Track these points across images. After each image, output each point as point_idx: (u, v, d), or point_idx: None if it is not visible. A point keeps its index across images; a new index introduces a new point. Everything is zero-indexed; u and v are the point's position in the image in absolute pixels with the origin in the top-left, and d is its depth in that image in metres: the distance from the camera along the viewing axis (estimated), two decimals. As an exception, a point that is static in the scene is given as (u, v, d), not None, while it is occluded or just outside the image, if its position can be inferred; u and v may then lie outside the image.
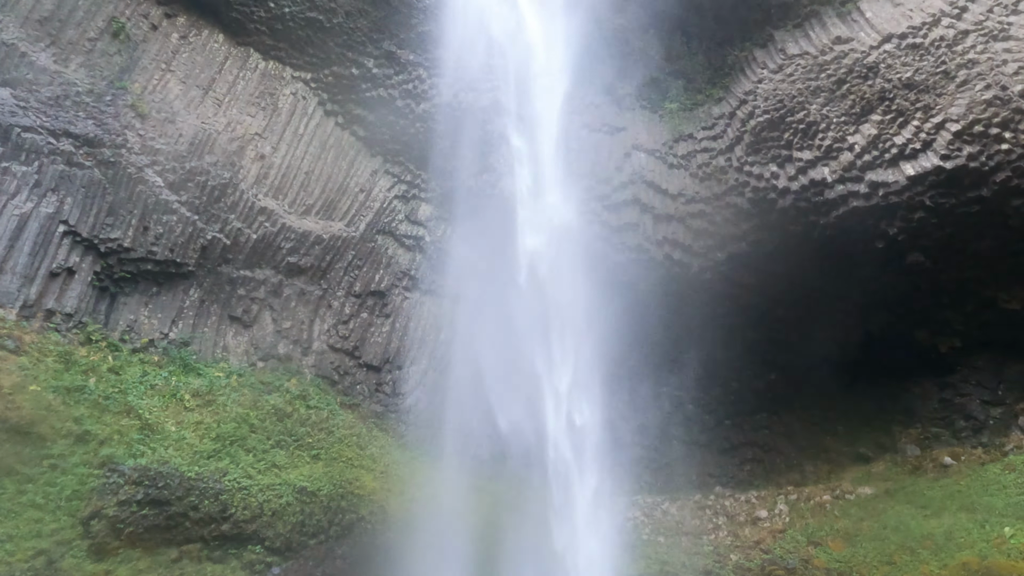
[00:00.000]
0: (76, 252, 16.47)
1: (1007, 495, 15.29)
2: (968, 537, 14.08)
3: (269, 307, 19.52)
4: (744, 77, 19.45)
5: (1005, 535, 13.63)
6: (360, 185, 20.74)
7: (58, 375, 14.38)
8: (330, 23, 18.93)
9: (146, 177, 17.26)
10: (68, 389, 14.10)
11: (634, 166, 20.67)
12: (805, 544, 16.16)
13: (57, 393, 13.84)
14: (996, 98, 15.43)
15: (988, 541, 13.67)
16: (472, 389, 18.67)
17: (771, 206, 18.94)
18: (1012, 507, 14.66)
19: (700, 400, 23.34)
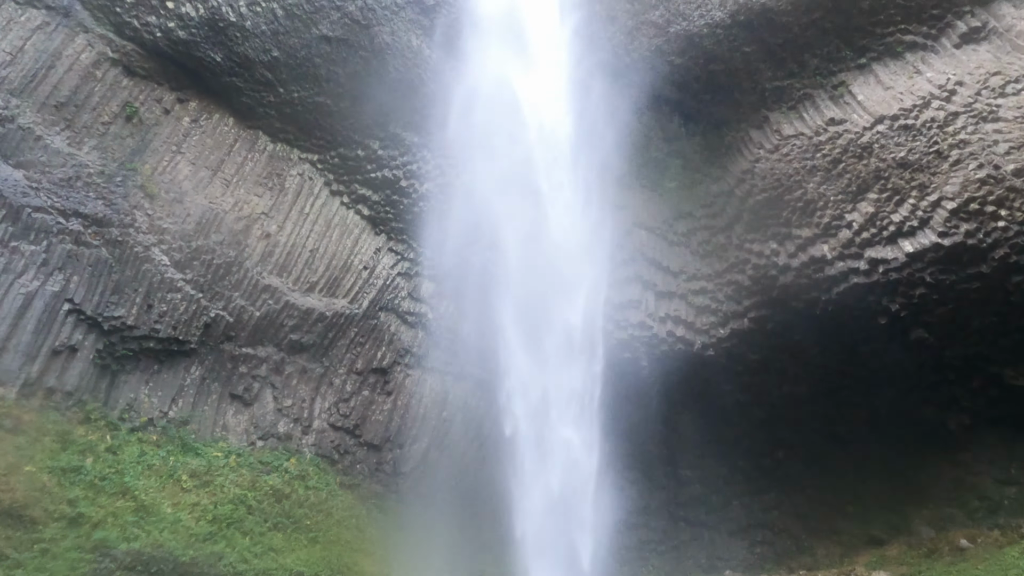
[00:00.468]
0: (80, 330, 16.51)
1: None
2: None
3: (270, 385, 19.41)
4: (741, 157, 19.90)
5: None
6: (364, 262, 20.93)
7: (54, 455, 14.19)
8: (337, 107, 19.51)
9: (152, 256, 17.45)
10: (64, 470, 13.89)
11: (635, 243, 20.91)
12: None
13: (52, 474, 13.62)
14: (989, 177, 15.72)
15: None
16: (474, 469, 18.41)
17: (772, 283, 19.05)
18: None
19: (707, 479, 22.87)
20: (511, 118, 20.16)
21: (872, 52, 18.02)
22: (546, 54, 20.50)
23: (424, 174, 20.61)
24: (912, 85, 17.21)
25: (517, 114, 20.22)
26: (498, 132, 19.98)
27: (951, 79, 16.61)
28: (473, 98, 19.92)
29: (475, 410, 20.03)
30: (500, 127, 19.95)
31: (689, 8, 19.04)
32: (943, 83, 16.68)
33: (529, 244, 19.29)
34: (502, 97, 20.23)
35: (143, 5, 17.92)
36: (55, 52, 17.15)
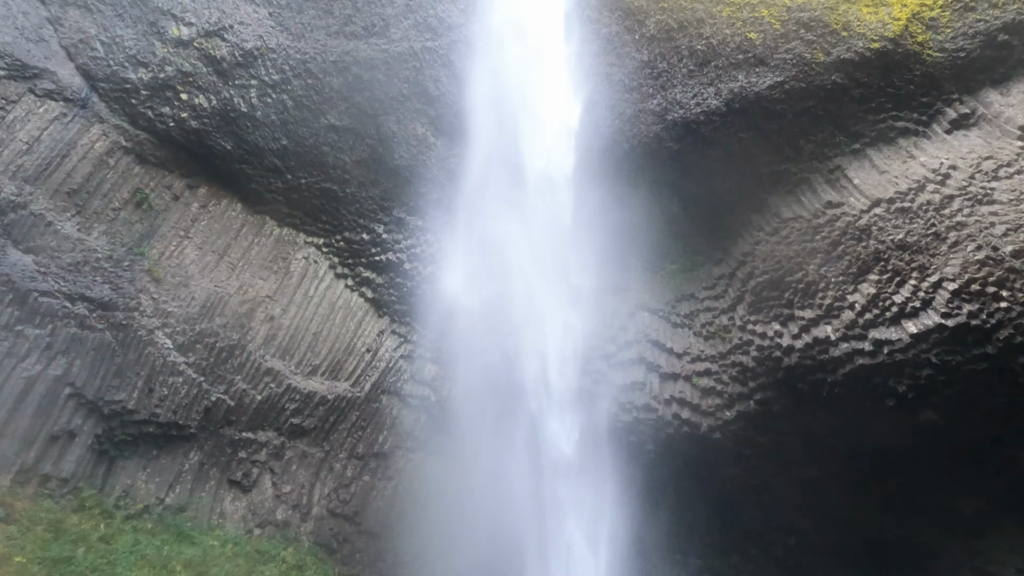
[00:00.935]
0: (79, 415, 16.40)
1: (1058, 677, 14.06)
2: None
3: (270, 470, 19.08)
4: (741, 239, 20.11)
5: None
6: (367, 345, 20.93)
7: (46, 545, 13.84)
8: (344, 192, 19.95)
9: (156, 339, 17.50)
10: (55, 560, 13.52)
11: (638, 325, 20.89)
12: None
13: (43, 565, 13.25)
14: (989, 258, 15.81)
15: None
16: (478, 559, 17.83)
17: (777, 364, 18.91)
18: None
19: (718, 568, 22.10)
20: (515, 203, 20.50)
21: (865, 138, 18.46)
22: (550, 142, 21.01)
23: (427, 257, 20.84)
24: (906, 169, 17.54)
25: (522, 199, 20.57)
26: (502, 216, 20.30)
27: (944, 163, 16.96)
28: (476, 183, 20.33)
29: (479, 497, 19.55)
30: (504, 212, 20.27)
31: (686, 97, 19.64)
32: (937, 167, 17.01)
33: (531, 327, 19.31)
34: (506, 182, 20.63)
35: (158, 97, 18.60)
36: (70, 141, 17.71)
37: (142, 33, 18.53)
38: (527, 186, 20.65)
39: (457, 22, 20.59)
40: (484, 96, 20.78)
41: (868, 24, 17.96)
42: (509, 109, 21.21)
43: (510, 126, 21.12)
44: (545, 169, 21.14)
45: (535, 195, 20.84)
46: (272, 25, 19.36)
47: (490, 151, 20.74)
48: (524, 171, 20.66)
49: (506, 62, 21.11)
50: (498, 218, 20.12)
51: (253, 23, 19.19)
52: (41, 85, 17.63)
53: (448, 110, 20.46)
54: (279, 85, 19.14)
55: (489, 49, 20.88)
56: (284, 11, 19.51)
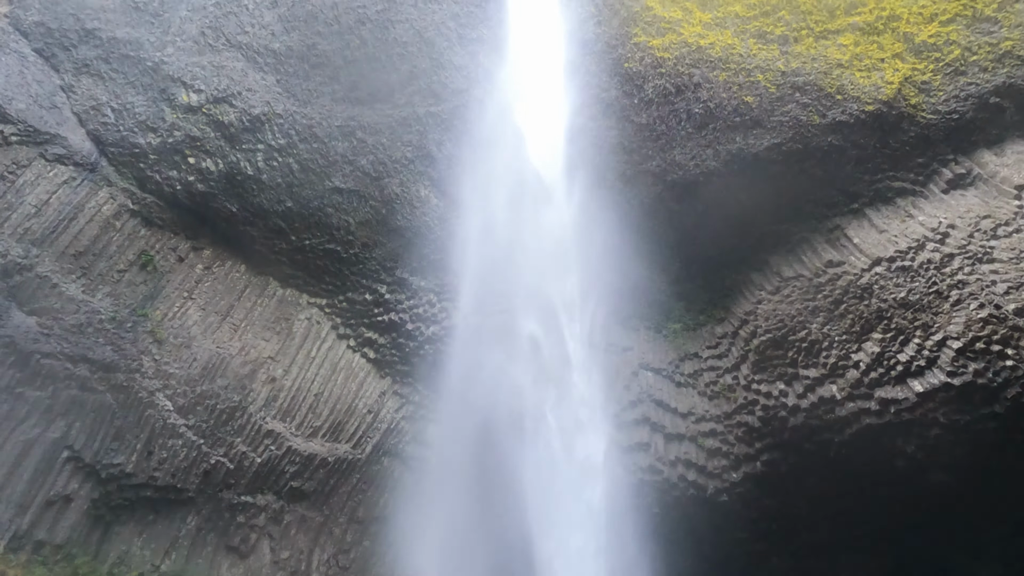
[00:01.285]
0: (76, 478, 16.18)
1: None
2: None
3: (268, 535, 18.69)
4: (743, 298, 20.15)
5: None
6: (368, 406, 20.74)
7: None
8: (347, 253, 20.09)
9: (156, 401, 17.38)
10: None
11: (642, 385, 20.74)
12: None
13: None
14: (992, 316, 15.80)
15: None
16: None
17: (783, 424, 18.71)
18: None
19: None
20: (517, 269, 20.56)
21: (864, 197, 18.68)
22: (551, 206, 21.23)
23: (430, 317, 20.85)
24: (905, 228, 17.69)
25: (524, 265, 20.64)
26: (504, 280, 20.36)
27: (943, 222, 17.11)
28: (479, 245, 20.47)
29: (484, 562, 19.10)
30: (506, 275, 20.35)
31: (685, 158, 19.97)
32: (935, 226, 17.15)
33: (535, 389, 19.17)
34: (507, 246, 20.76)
35: (166, 161, 18.94)
36: (78, 204, 17.95)
37: (152, 100, 19.00)
38: (528, 242, 20.77)
39: (460, 87, 21.08)
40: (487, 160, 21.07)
41: (862, 87, 18.37)
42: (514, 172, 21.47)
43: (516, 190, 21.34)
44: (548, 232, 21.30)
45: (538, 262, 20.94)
46: (279, 91, 19.85)
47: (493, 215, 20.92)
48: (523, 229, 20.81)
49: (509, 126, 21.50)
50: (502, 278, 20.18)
51: (260, 89, 19.68)
52: (52, 150, 17.98)
53: (450, 173, 20.77)
54: (285, 149, 19.51)
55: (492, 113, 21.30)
56: (291, 78, 20.03)
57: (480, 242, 20.42)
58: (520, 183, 21.32)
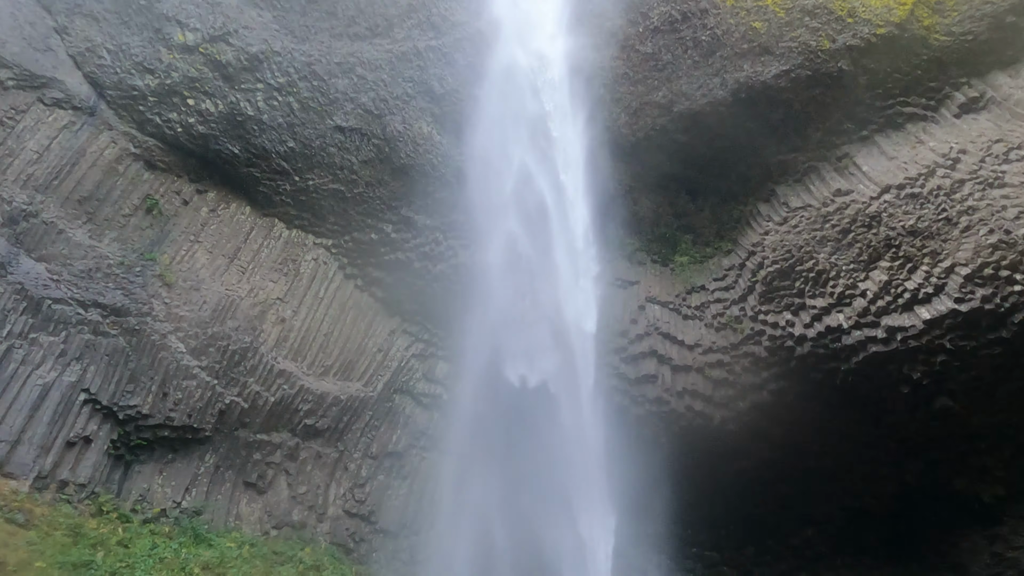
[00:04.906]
0: (94, 420, 16.50)
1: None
2: None
3: (285, 471, 19.16)
4: (750, 229, 20.04)
5: None
6: (378, 345, 20.97)
7: (65, 550, 13.93)
8: (351, 193, 19.99)
9: (169, 343, 17.59)
10: (75, 565, 13.60)
11: (649, 318, 20.84)
12: None
13: (63, 569, 13.33)
14: (1001, 242, 15.68)
15: None
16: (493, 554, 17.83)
17: (789, 354, 18.83)
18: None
19: (734, 560, 22.05)
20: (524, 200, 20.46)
21: (873, 124, 18.34)
22: (557, 138, 20.97)
23: (436, 255, 20.86)
24: (916, 155, 17.42)
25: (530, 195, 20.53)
26: (511, 214, 20.28)
27: (954, 148, 16.82)
28: (485, 180, 20.31)
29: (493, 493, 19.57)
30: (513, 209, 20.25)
31: (691, 88, 19.58)
32: (946, 152, 16.88)
33: (542, 323, 19.28)
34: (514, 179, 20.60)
35: (165, 102, 18.70)
36: (80, 149, 17.81)
37: (148, 40, 18.62)
38: (534, 182, 20.61)
39: (460, 20, 20.59)
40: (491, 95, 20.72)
41: (873, 10, 17.83)
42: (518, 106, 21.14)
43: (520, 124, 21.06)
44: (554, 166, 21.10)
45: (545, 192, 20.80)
46: (276, 28, 19.42)
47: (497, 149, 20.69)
48: (530, 167, 20.61)
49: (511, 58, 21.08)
50: (505, 215, 20.08)
51: (258, 27, 19.25)
52: (50, 94, 17.76)
53: (454, 108, 20.45)
54: (285, 88, 19.21)
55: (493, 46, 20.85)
56: (288, 14, 19.57)
57: (484, 179, 20.25)
58: (524, 117, 21.01)
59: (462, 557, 19.22)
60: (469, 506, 20.02)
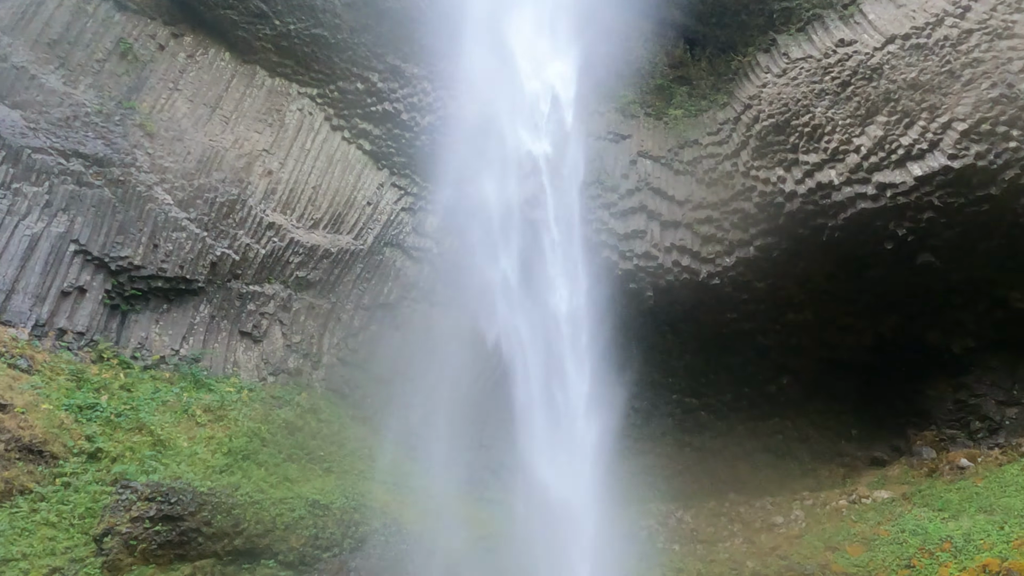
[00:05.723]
0: (87, 271, 16.60)
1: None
2: (987, 539, 13.91)
3: (279, 322, 19.58)
4: (748, 82, 19.48)
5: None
6: (367, 198, 20.82)
7: (70, 393, 14.47)
8: (335, 39, 19.08)
9: (155, 195, 17.40)
10: (80, 407, 14.18)
11: (640, 173, 20.68)
12: (822, 549, 16.01)
13: (69, 411, 13.91)
14: (1003, 96, 15.38)
15: (1008, 543, 13.49)
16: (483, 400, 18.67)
17: (778, 210, 18.91)
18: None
19: (713, 406, 23.22)
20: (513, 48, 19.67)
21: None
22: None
23: (425, 106, 20.28)
24: (925, 2, 16.66)
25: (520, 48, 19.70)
26: (499, 64, 19.55)
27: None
28: (474, 29, 19.40)
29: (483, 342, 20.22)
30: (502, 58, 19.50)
31: (694, -75, 18.38)
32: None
33: (532, 176, 19.09)
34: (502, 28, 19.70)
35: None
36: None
37: None
38: (525, 23, 19.69)
39: None
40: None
41: None
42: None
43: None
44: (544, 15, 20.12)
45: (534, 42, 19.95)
46: None
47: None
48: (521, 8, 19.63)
49: None
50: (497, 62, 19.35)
51: None
52: (4, -76, 16.47)
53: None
54: (259, -80, 17.83)
55: None
56: None
57: (474, 24, 19.33)
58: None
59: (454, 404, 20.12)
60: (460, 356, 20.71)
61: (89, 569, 11.34)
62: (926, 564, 14.02)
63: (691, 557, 16.35)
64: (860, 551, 15.50)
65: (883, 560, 14.82)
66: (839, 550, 15.80)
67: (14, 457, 12.34)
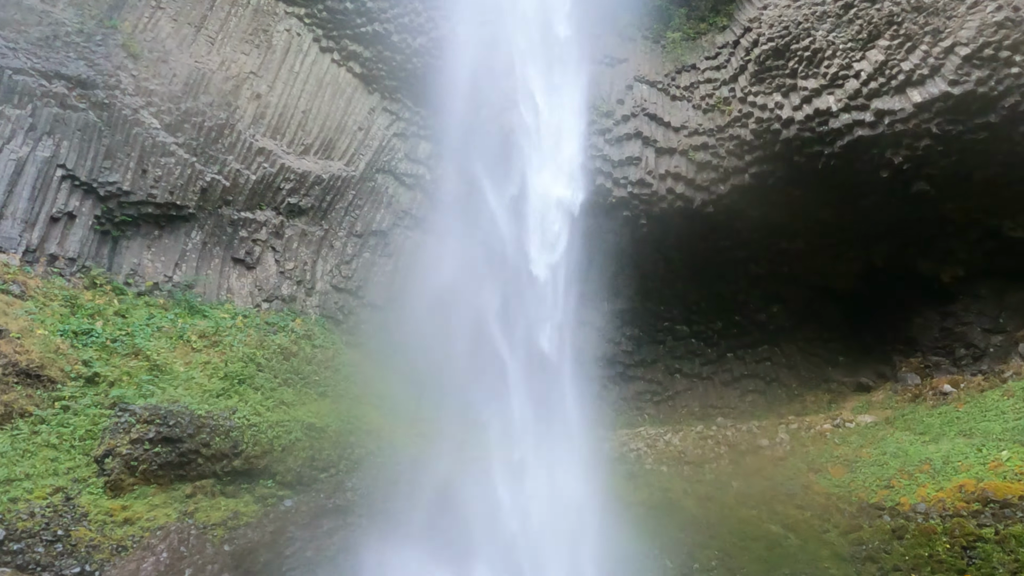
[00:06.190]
0: (76, 196, 16.44)
1: (1005, 420, 15.50)
2: (965, 461, 14.34)
3: (271, 248, 19.53)
4: (749, 4, 18.95)
5: (1002, 459, 13.87)
6: (358, 123, 20.47)
7: (64, 319, 14.52)
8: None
9: (142, 119, 17.07)
10: (75, 332, 14.25)
11: (636, 98, 20.32)
12: (805, 471, 16.49)
13: (65, 336, 13.98)
14: (1008, 20, 15.02)
15: (984, 464, 13.92)
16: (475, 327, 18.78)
17: (775, 137, 18.68)
18: (1010, 432, 14.88)
19: (703, 334, 23.50)
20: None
21: None
22: None
23: (416, 27, 19.71)
24: (933, -81, 16.07)
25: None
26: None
27: (977, -90, 15.50)
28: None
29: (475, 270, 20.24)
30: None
31: None
32: (968, -85, 15.57)
33: (527, 100, 18.72)
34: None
35: None
36: None
37: None
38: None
39: None
40: None
41: None
42: None
43: None
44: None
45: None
46: None
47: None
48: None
49: None
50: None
51: None
52: None
53: None
54: None
55: None
56: None
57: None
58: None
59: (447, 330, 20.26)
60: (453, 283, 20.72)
61: (92, 489, 11.62)
62: (905, 485, 14.48)
63: (678, 478, 16.81)
64: (842, 472, 15.98)
65: (864, 481, 15.30)
66: (821, 471, 16.29)
67: (12, 381, 12.47)
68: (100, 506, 11.40)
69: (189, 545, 10.15)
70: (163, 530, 10.37)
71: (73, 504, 11.30)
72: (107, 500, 11.53)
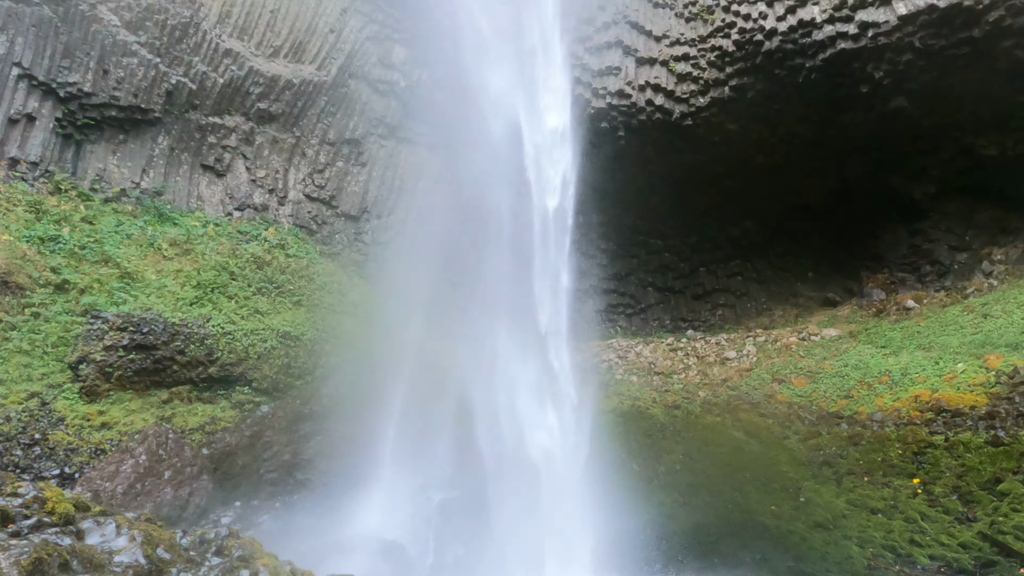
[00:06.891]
0: (34, 97, 15.84)
1: (963, 335, 16.01)
2: (922, 373, 14.87)
3: (242, 155, 19.10)
4: (736, -95, 18.21)
5: (957, 371, 14.40)
6: (329, 25, 19.71)
7: (30, 225, 14.23)
8: None
9: (100, 15, 16.28)
10: (42, 239, 14.01)
11: (617, 5, 19.71)
12: (770, 381, 17.03)
13: (31, 243, 13.74)
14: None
15: (940, 376, 14.46)
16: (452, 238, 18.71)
17: (757, 48, 18.34)
18: (967, 345, 15.40)
19: (677, 248, 23.70)
20: None
21: None
22: None
23: (390, -78, 18.76)
24: None
25: None
26: None
27: None
28: None
29: (451, 180, 19.99)
30: None
31: None
32: None
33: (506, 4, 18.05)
34: None
35: None
36: None
37: None
38: None
39: None
40: None
41: None
42: None
43: None
44: None
45: None
46: None
47: None
48: None
49: None
50: None
51: None
52: None
53: None
54: None
55: None
56: None
57: None
58: None
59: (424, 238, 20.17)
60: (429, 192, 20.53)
61: (67, 394, 11.69)
62: (864, 395, 15.04)
63: (647, 387, 17.29)
64: (804, 383, 16.53)
65: (824, 391, 15.86)
66: (785, 382, 16.83)
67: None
68: (76, 411, 11.49)
69: (168, 448, 10.33)
70: (141, 434, 10.52)
71: (49, 409, 11.37)
72: (83, 405, 11.62)
